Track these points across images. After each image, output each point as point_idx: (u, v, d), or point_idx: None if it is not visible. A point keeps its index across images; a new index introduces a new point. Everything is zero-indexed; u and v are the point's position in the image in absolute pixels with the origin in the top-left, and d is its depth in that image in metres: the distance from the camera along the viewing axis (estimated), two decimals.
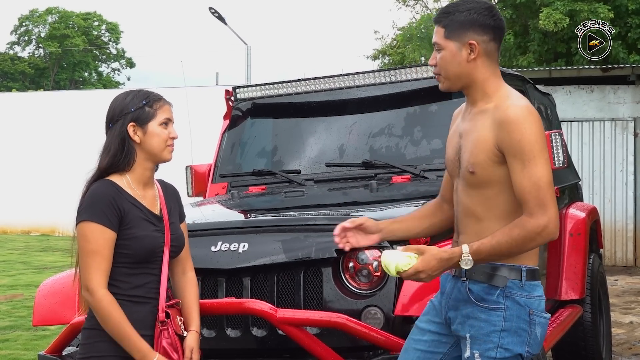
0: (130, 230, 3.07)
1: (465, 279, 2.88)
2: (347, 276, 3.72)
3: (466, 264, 2.77)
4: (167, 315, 3.10)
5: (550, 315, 2.95)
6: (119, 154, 3.11)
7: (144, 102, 3.13)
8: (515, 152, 2.74)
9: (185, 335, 3.15)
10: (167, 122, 3.17)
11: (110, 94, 3.53)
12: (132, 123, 3.11)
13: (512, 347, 2.82)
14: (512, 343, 2.82)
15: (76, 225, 3.07)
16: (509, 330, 2.81)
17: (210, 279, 3.85)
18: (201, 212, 4.63)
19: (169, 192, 3.31)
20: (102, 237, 3.01)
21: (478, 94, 2.90)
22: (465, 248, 2.77)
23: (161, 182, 3.32)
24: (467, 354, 2.86)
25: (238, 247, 3.81)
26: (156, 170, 3.25)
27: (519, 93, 2.92)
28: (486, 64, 2.89)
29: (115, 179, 3.12)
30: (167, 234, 3.16)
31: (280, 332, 3.63)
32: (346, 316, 3.48)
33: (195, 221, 4.20)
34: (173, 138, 3.19)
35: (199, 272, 3.81)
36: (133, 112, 3.12)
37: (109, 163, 3.11)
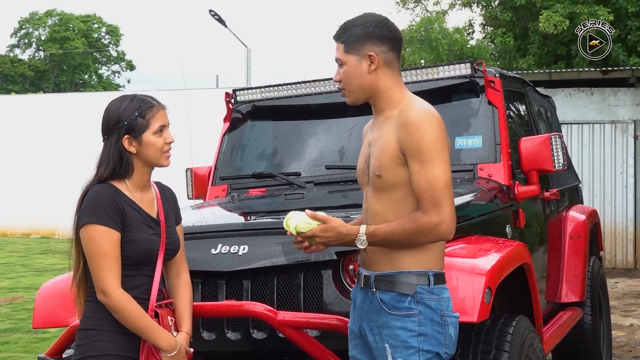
0: (130, 233, 3.10)
1: (374, 289, 2.94)
2: (347, 278, 3.71)
3: (361, 243, 2.89)
4: (156, 315, 3.14)
5: (458, 314, 3.02)
6: (118, 166, 3.14)
7: (136, 113, 3.15)
8: (414, 153, 2.84)
9: (175, 335, 3.18)
10: (162, 129, 3.18)
11: (111, 97, 3.52)
12: (126, 136, 3.14)
13: (431, 349, 2.89)
14: (431, 345, 2.89)
15: (79, 228, 3.10)
16: (426, 335, 2.88)
17: (210, 282, 3.85)
18: (201, 214, 4.63)
19: (166, 195, 3.33)
20: (110, 239, 3.05)
21: (383, 103, 3.02)
22: (362, 228, 2.90)
23: (158, 184, 3.34)
24: None
25: (238, 250, 3.80)
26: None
27: (423, 100, 3.01)
28: (388, 73, 3.00)
29: (115, 183, 3.15)
30: (163, 237, 3.19)
31: (280, 334, 3.62)
32: (346, 319, 3.47)
33: (195, 223, 4.20)
34: (169, 143, 3.21)
35: (199, 274, 3.82)
36: (126, 125, 3.14)
37: (109, 175, 3.14)
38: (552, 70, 14.90)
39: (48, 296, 4.29)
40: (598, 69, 14.57)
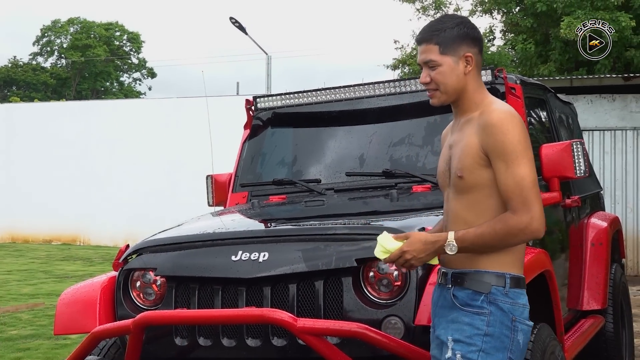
0: None
1: (450, 286, 2.98)
2: (367, 286, 3.71)
3: (451, 249, 2.89)
4: None
5: (532, 323, 3.02)
6: None
7: None
8: (498, 153, 2.87)
9: None
10: None
11: (132, 104, 3.53)
12: None
13: (493, 353, 2.89)
14: (494, 348, 2.89)
15: None
16: (492, 335, 2.89)
17: (231, 289, 3.85)
18: (221, 221, 4.64)
19: None
20: None
21: (466, 104, 3.05)
22: (451, 234, 2.90)
23: None
24: (448, 354, 2.92)
25: (258, 257, 3.81)
26: None
27: (502, 101, 3.04)
28: (476, 75, 3.05)
29: None
30: None
31: (300, 341, 3.62)
32: (366, 326, 3.47)
33: (215, 230, 4.21)
34: None
35: (219, 281, 3.83)
36: None
37: None
38: (574, 77, 14.83)
39: (69, 303, 4.31)
40: (620, 76, 14.50)
